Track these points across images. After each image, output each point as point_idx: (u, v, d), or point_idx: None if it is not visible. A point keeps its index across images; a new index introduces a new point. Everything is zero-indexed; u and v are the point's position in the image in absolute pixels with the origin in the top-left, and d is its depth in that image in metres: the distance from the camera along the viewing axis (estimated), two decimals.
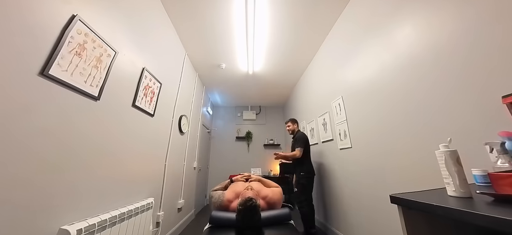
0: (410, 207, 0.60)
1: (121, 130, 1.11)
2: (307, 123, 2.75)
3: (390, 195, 0.64)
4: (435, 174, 0.88)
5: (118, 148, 1.08)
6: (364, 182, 1.43)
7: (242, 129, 4.23)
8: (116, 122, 1.07)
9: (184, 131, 2.19)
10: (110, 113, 1.02)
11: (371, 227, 1.35)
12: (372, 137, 1.35)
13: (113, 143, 1.04)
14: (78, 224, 0.71)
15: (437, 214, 0.48)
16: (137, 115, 1.27)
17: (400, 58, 1.10)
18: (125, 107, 1.15)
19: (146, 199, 1.30)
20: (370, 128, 1.37)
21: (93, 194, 0.89)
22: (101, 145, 0.95)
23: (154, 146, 1.53)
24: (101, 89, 0.94)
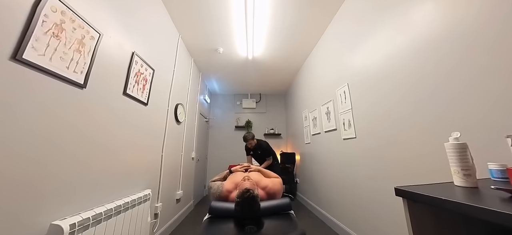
0: (416, 200, 0.59)
1: (112, 120, 1.08)
2: (309, 111, 2.72)
3: (395, 187, 0.64)
4: (444, 168, 0.87)
5: (110, 139, 1.06)
6: (367, 174, 1.44)
7: (241, 118, 4.21)
8: (106, 111, 1.04)
9: (180, 120, 2.16)
10: (99, 103, 0.99)
11: (373, 220, 1.39)
12: (378, 127, 1.33)
13: (104, 134, 1.02)
14: (71, 219, 0.71)
15: (445, 208, 0.48)
16: (129, 104, 1.23)
17: (416, 41, 1.02)
18: (115, 95, 1.11)
19: (143, 191, 1.32)
20: (377, 118, 1.34)
21: (85, 187, 0.89)
22: (91, 137, 0.93)
23: (150, 136, 1.52)
24: (87, 76, 0.89)
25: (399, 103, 1.14)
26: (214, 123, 4.12)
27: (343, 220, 1.78)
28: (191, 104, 2.68)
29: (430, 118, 0.95)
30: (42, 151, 0.70)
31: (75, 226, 0.69)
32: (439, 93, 0.90)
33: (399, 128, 1.15)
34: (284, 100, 4.42)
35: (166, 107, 1.85)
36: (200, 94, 3.18)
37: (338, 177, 1.89)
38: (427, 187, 0.62)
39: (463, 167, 0.56)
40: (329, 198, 2.08)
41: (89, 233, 0.77)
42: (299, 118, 3.23)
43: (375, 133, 1.36)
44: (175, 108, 2.05)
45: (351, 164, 1.67)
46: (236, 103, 4.31)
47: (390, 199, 1.21)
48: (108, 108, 1.05)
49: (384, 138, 1.27)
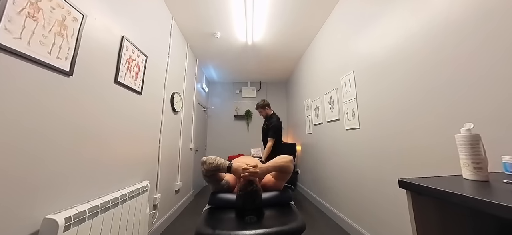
0: (420, 193, 0.59)
1: (104, 110, 1.05)
2: (311, 101, 2.68)
3: (398, 179, 0.63)
4: (453, 160, 0.86)
5: (103, 131, 1.04)
6: (371, 165, 1.45)
7: (241, 107, 4.18)
8: (97, 101, 1.01)
9: (177, 110, 2.14)
10: (89, 91, 0.95)
11: (376, 210, 1.42)
12: (384, 117, 1.30)
13: (96, 125, 0.99)
14: (65, 212, 0.72)
15: (451, 201, 0.47)
16: (121, 93, 1.20)
17: (432, 23, 0.96)
18: (106, 84, 1.07)
19: (140, 183, 1.33)
20: (383, 107, 1.31)
21: (79, 180, 0.89)
22: (82, 128, 0.91)
23: (145, 126, 1.50)
24: (73, 62, 0.84)
25: (408, 91, 1.11)
26: (212, 113, 4.09)
27: (345, 211, 1.83)
28: (188, 93, 2.63)
29: (442, 107, 0.92)
30: (30, 143, 0.68)
31: (70, 219, 0.70)
32: (455, 80, 0.86)
33: (406, 118, 1.12)
34: (285, 89, 4.35)
35: (162, 97, 1.81)
36: (197, 82, 3.11)
37: (340, 167, 1.91)
38: (433, 180, 0.61)
39: (474, 160, 0.54)
40: (330, 189, 2.12)
41: (86, 226, 0.78)
42: (300, 108, 3.20)
43: (380, 123, 1.34)
44: (171, 98, 2.01)
45: (354, 154, 1.67)
46: (235, 92, 4.24)
47: (394, 191, 1.22)
48: (99, 97, 1.01)
49: (390, 128, 1.25)
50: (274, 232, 0.95)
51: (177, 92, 2.13)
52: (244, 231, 0.93)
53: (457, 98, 0.85)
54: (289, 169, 1.25)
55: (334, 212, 1.98)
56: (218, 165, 1.16)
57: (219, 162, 1.17)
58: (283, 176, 1.28)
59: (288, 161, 1.25)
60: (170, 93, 2.00)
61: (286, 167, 1.24)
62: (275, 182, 1.30)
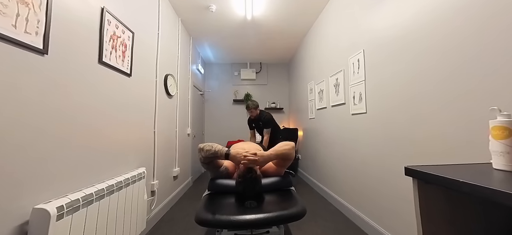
0: (428, 181, 0.58)
1: (89, 93, 1.00)
2: (315, 83, 2.61)
3: (405, 166, 0.63)
4: (468, 148, 0.84)
5: (91, 116, 1.01)
6: (376, 152, 1.45)
7: (240, 90, 4.09)
8: (81, 83, 0.95)
9: (172, 94, 2.08)
10: (70, 73, 0.89)
11: (379, 199, 1.46)
12: (394, 102, 1.26)
13: (82, 110, 0.95)
14: (57, 201, 0.72)
15: (462, 191, 0.46)
16: (108, 75, 1.13)
17: None
18: (89, 64, 1.00)
19: (136, 169, 1.34)
20: (395, 91, 1.26)
21: (69, 168, 0.88)
22: (68, 113, 0.87)
23: (138, 111, 1.47)
24: (46, 38, 0.77)
25: (425, 74, 1.04)
26: (210, 96, 4.02)
27: (346, 197, 1.89)
28: (183, 75, 2.54)
29: (462, 92, 0.87)
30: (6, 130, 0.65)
31: (63, 208, 0.70)
32: (486, 58, 0.78)
33: (420, 103, 1.08)
34: (287, 71, 4.21)
35: (154, 79, 1.74)
36: (192, 63, 2.99)
37: (343, 154, 1.92)
38: (442, 168, 0.60)
39: None
40: (332, 175, 2.17)
41: (80, 214, 0.79)
42: (303, 91, 3.13)
43: (390, 109, 1.30)
44: (165, 80, 1.94)
45: (358, 141, 1.67)
46: (234, 74, 4.12)
47: (399, 179, 1.24)
48: (82, 79, 0.96)
49: (400, 114, 1.22)
50: (274, 217, 0.98)
51: (170, 74, 2.04)
52: (244, 216, 0.96)
53: (484, 81, 0.80)
54: (290, 156, 1.26)
55: (335, 198, 2.05)
56: (216, 152, 1.16)
57: (216, 149, 1.17)
58: (285, 162, 1.29)
59: (290, 148, 1.25)
60: (163, 75, 1.92)
61: (288, 154, 1.24)
62: (276, 168, 1.31)
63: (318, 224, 1.70)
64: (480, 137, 0.78)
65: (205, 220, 0.96)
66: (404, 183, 1.17)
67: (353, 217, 1.71)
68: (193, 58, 3.06)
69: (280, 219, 1.00)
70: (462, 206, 0.65)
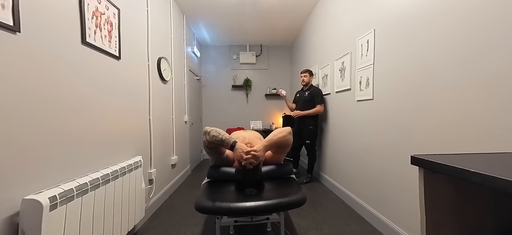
0: (436, 171, 0.58)
1: (75, 77, 0.95)
2: (319, 67, 2.53)
3: (411, 155, 0.61)
4: (484, 138, 0.82)
5: (79, 101, 0.97)
6: (381, 141, 1.44)
7: (239, 75, 4.00)
8: (65, 66, 0.90)
9: (166, 79, 2.02)
10: (51, 54, 0.84)
11: (383, 190, 1.48)
12: (403, 88, 1.22)
13: (69, 95, 0.91)
14: (49, 191, 0.71)
15: (473, 182, 0.45)
16: (94, 57, 1.08)
17: None
18: (71, 45, 0.94)
19: (133, 158, 1.34)
20: (404, 76, 1.21)
21: (59, 157, 0.86)
22: (52, 99, 0.83)
23: (130, 97, 1.43)
24: (16, 13, 0.70)
25: (440, 55, 0.99)
26: (207, 82, 3.94)
27: (348, 186, 1.93)
28: (177, 58, 2.45)
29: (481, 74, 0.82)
30: None
31: (56, 199, 0.71)
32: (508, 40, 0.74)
33: (432, 89, 1.04)
34: (289, 54, 4.08)
35: (146, 62, 1.68)
36: (187, 45, 2.87)
37: (346, 142, 1.93)
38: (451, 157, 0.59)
39: None
40: (334, 163, 2.20)
41: (75, 203, 0.80)
42: None
43: (399, 95, 1.26)
44: (158, 64, 1.87)
45: (363, 128, 1.66)
46: (232, 58, 3.99)
47: (404, 168, 1.24)
48: (65, 61, 0.90)
49: (410, 101, 1.18)
50: (274, 204, 1.00)
51: (164, 57, 1.97)
52: (244, 203, 0.98)
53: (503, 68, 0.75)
54: (288, 142, 1.26)
55: (337, 186, 2.10)
56: (223, 140, 1.16)
57: (224, 137, 1.17)
58: (283, 149, 1.30)
59: (286, 134, 1.24)
60: (156, 58, 1.85)
61: (284, 141, 1.24)
62: (274, 155, 1.32)
63: (318, 211, 1.76)
64: (500, 126, 0.76)
65: (205, 207, 0.98)
66: (408, 172, 1.18)
67: (354, 205, 1.76)
68: (188, 40, 2.93)
69: (280, 206, 1.02)
70: (471, 197, 0.65)
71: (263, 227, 1.48)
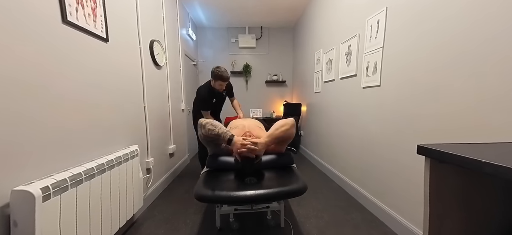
0: (443, 160, 0.57)
1: (56, 60, 0.89)
2: (324, 52, 2.45)
3: (417, 145, 0.61)
4: (503, 127, 0.80)
5: (64, 88, 0.92)
6: (386, 130, 1.43)
7: (238, 60, 3.90)
8: (44, 48, 0.84)
9: (161, 64, 1.96)
10: (26, 35, 0.77)
11: (386, 179, 1.49)
12: (414, 73, 1.18)
13: (51, 81, 0.86)
14: (40, 182, 0.71)
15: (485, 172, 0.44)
16: (77, 38, 1.02)
17: None
18: (50, 24, 0.87)
19: (129, 147, 1.34)
20: (416, 60, 1.16)
21: (48, 147, 0.84)
22: (33, 85, 0.79)
23: (121, 84, 1.39)
24: None
25: (460, 36, 0.93)
26: (204, 67, 3.85)
27: (349, 175, 1.95)
28: (171, 41, 2.36)
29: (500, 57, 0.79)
30: None
31: (48, 189, 0.70)
32: None
33: (446, 74, 1.00)
34: (292, 37, 3.93)
35: (137, 45, 1.61)
36: (181, 27, 2.76)
37: (349, 131, 1.92)
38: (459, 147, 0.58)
39: None
40: (336, 152, 2.22)
41: (70, 194, 0.80)
42: (309, 61, 2.98)
43: (408, 81, 1.22)
44: (151, 47, 1.80)
45: (367, 117, 1.64)
46: (231, 41, 3.86)
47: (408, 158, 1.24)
48: (44, 43, 0.84)
49: (419, 87, 1.15)
50: (274, 193, 1.02)
51: (156, 40, 1.89)
52: (244, 191, 1.00)
53: None
54: (291, 136, 1.26)
55: (338, 175, 2.13)
56: (219, 134, 1.15)
57: (220, 132, 1.15)
58: (285, 142, 1.29)
59: (289, 127, 1.22)
60: (148, 41, 1.78)
61: (287, 135, 1.23)
62: (275, 146, 1.32)
63: (319, 200, 1.80)
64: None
65: (204, 196, 0.99)
66: (412, 162, 1.19)
67: (356, 194, 1.80)
68: (182, 21, 2.81)
69: (280, 195, 1.04)
70: (480, 188, 0.65)
71: (263, 215, 1.53)
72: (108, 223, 1.07)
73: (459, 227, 0.66)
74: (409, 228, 1.22)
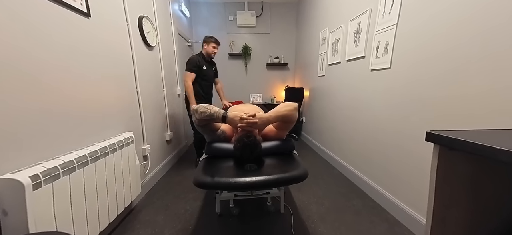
0: (454, 148, 0.56)
1: (29, 37, 0.83)
2: (330, 31, 2.35)
3: (427, 131, 0.60)
4: None
5: (41, 69, 0.87)
6: (393, 115, 1.41)
7: (236, 41, 3.76)
8: (15, 22, 0.78)
9: (152, 44, 1.88)
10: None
11: (390, 166, 1.50)
12: (429, 53, 1.13)
13: (27, 61, 0.81)
14: (28, 170, 0.70)
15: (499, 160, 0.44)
16: (52, 12, 0.93)
17: None
18: None
19: (123, 134, 1.33)
20: (436, 36, 1.10)
21: (34, 134, 0.83)
22: (7, 66, 0.75)
23: (110, 65, 1.32)
24: None
25: (483, 10, 0.87)
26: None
27: (351, 162, 1.97)
28: (163, 18, 2.24)
29: None
30: None
31: (38, 177, 0.70)
32: None
33: (464, 53, 0.95)
34: (295, 14, 3.75)
35: (124, 22, 1.52)
36: (173, 2, 2.61)
37: (353, 116, 1.90)
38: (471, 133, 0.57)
39: None
40: (339, 139, 2.22)
41: (62, 182, 0.80)
42: (314, 42, 2.87)
43: (422, 62, 1.17)
44: (140, 24, 1.71)
45: (374, 102, 1.61)
46: (228, 19, 3.69)
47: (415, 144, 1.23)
48: (14, 15, 0.77)
49: (432, 69, 1.10)
50: (274, 180, 1.03)
51: (146, 16, 1.79)
52: (244, 178, 1.00)
53: None
54: (293, 118, 1.24)
55: (340, 162, 2.16)
56: (212, 114, 1.15)
57: (212, 111, 1.16)
58: (287, 125, 1.28)
59: (292, 109, 1.21)
60: (136, 17, 1.68)
61: (291, 115, 1.22)
62: (277, 132, 1.31)
63: (320, 186, 1.84)
64: None
65: (204, 183, 1.00)
66: (419, 148, 1.19)
67: (358, 181, 1.84)
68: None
69: (280, 181, 1.05)
70: (492, 176, 0.65)
71: (263, 201, 1.57)
72: (105, 210, 1.10)
73: (465, 215, 0.67)
74: (411, 216, 1.26)
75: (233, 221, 1.39)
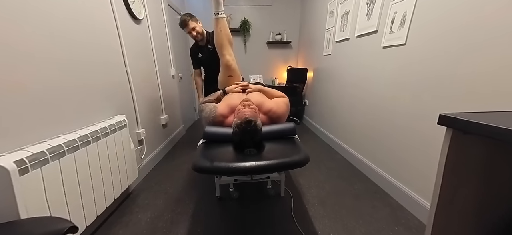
0: (468, 131, 0.54)
1: None
2: (340, 1, 2.20)
3: (440, 114, 0.59)
4: None
5: (11, 47, 0.82)
6: (403, 96, 1.37)
7: (235, 15, 3.57)
8: None
9: (139, 16, 1.77)
10: None
11: (395, 150, 1.49)
12: (450, 25, 1.05)
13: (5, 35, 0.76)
14: (12, 155, 0.69)
15: None
16: None
17: None
18: None
19: (114, 117, 1.31)
20: (457, 7, 1.02)
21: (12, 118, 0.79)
22: None
23: (91, 40, 1.22)
24: None
25: None
26: None
27: (354, 145, 1.98)
28: None
29: None
30: None
31: (24, 162, 0.69)
32: None
33: (490, 25, 0.88)
34: None
35: None
36: None
37: (360, 98, 1.86)
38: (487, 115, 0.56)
39: None
40: (343, 122, 2.21)
41: (52, 167, 0.80)
42: (321, 15, 2.72)
43: (440, 36, 1.10)
44: None
45: (383, 81, 1.56)
46: None
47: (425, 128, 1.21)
48: None
49: (450, 44, 1.04)
50: (275, 164, 1.03)
51: None
52: (244, 163, 1.01)
53: None
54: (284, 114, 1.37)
55: (343, 146, 2.17)
56: (214, 116, 1.29)
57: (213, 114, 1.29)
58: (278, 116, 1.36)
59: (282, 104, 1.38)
60: None
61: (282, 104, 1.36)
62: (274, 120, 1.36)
63: (321, 171, 1.87)
64: None
65: (203, 167, 1.01)
66: (430, 130, 1.17)
67: (360, 165, 1.86)
68: None
69: (280, 166, 1.05)
70: (509, 159, 0.64)
71: (263, 185, 1.60)
72: (101, 195, 1.12)
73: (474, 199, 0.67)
74: (416, 200, 1.28)
75: (232, 204, 1.43)
